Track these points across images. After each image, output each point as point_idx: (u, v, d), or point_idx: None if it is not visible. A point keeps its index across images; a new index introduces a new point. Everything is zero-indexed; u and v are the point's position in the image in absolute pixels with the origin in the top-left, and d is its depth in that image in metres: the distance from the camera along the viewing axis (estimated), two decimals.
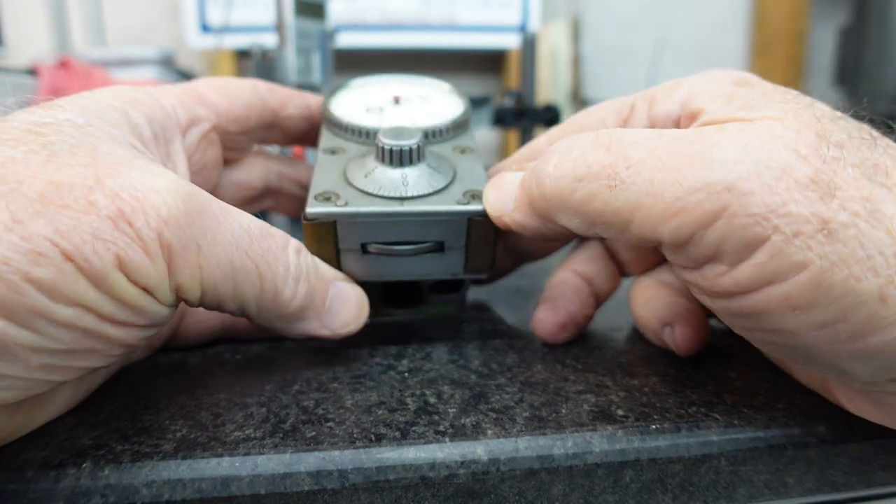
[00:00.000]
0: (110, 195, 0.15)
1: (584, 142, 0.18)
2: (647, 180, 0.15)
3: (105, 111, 0.19)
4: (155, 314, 0.16)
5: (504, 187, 0.21)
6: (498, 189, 0.21)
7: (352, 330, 0.21)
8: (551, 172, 0.18)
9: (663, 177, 0.15)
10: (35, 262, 0.14)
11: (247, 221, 0.18)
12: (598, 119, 0.22)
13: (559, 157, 0.18)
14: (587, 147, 0.17)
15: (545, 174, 0.18)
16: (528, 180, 0.19)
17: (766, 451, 0.18)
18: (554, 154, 0.18)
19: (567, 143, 0.18)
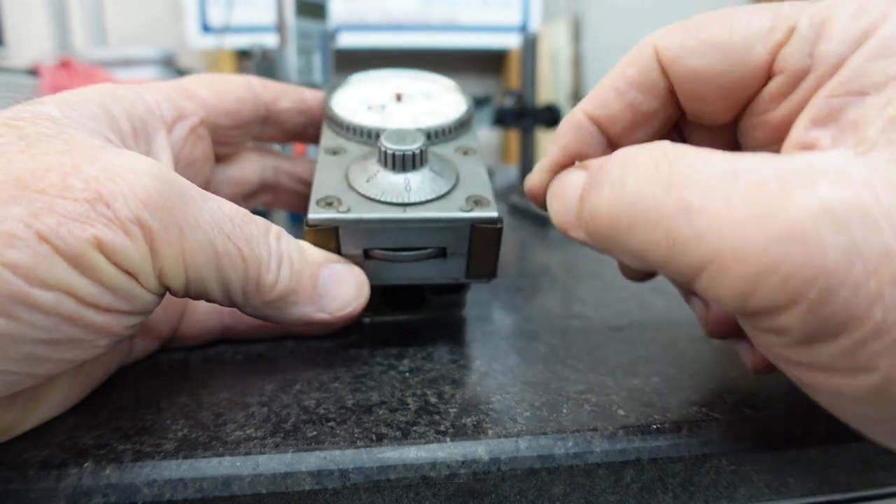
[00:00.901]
0: (87, 178, 0.15)
1: (641, 169, 0.14)
2: (712, 249, 0.13)
3: (83, 105, 0.19)
4: (139, 300, 0.16)
5: (566, 197, 0.18)
6: (561, 198, 0.19)
7: (352, 311, 0.21)
8: (603, 208, 0.15)
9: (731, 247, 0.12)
10: (8, 244, 0.13)
11: (227, 207, 0.18)
12: (743, 37, 0.16)
13: (610, 190, 0.15)
14: (642, 179, 0.14)
15: (596, 209, 0.16)
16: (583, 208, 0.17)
17: (767, 451, 0.18)
18: (606, 182, 0.15)
19: (622, 167, 0.15)
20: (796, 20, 0.16)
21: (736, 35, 0.16)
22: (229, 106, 0.25)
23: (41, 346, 0.15)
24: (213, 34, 1.27)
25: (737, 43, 0.16)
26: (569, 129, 0.20)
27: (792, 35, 0.16)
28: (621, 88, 0.19)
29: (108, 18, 1.27)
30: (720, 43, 0.17)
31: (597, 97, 0.19)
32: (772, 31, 0.16)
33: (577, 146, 0.20)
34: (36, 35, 1.30)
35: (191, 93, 0.24)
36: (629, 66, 0.19)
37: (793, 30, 0.16)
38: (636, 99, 0.19)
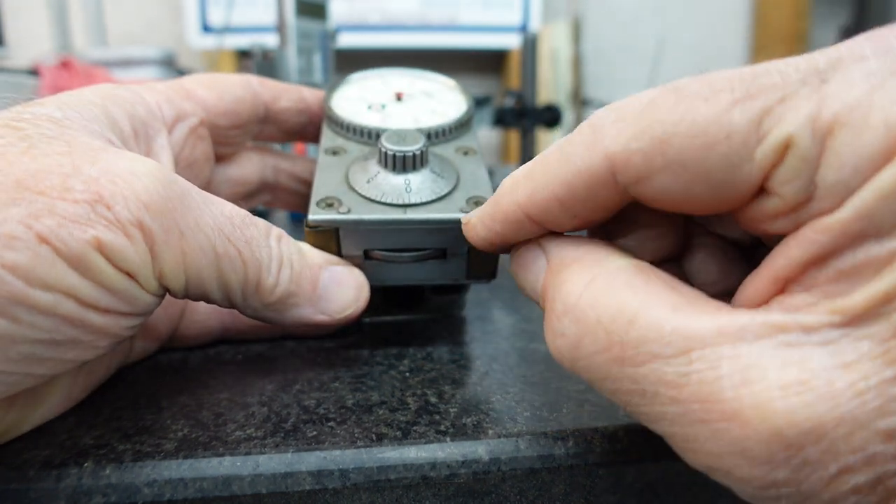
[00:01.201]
0: (87, 180, 0.15)
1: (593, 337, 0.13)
2: (665, 433, 0.13)
3: (83, 107, 0.19)
4: (139, 301, 0.16)
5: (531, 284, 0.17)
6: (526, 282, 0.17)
7: (352, 314, 0.21)
8: (562, 354, 0.14)
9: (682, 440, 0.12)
10: (8, 245, 0.13)
11: (228, 209, 0.18)
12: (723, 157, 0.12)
13: (565, 344, 0.14)
14: (595, 349, 0.13)
15: (557, 350, 0.15)
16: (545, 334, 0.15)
17: None
18: (559, 332, 0.14)
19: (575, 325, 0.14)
20: (793, 129, 0.12)
21: (714, 154, 0.12)
22: (229, 106, 0.25)
23: (41, 347, 0.15)
24: (214, 34, 1.27)
25: (716, 163, 0.12)
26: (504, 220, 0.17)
27: (788, 153, 0.12)
28: (564, 201, 0.15)
29: (108, 18, 1.28)
30: (694, 163, 0.13)
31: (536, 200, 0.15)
32: (761, 148, 0.12)
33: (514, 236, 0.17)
34: (36, 35, 1.30)
35: (191, 93, 0.24)
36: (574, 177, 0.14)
37: (788, 145, 0.12)
38: (582, 213, 0.15)
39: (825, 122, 0.11)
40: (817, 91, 0.11)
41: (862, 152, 0.11)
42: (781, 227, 0.13)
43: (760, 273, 0.13)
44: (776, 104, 0.12)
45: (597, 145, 0.14)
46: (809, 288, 0.12)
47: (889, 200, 0.11)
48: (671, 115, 0.13)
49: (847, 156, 0.11)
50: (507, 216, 0.16)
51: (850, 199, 0.11)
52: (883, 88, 0.11)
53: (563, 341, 0.14)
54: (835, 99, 0.11)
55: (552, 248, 0.16)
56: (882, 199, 0.11)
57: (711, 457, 0.12)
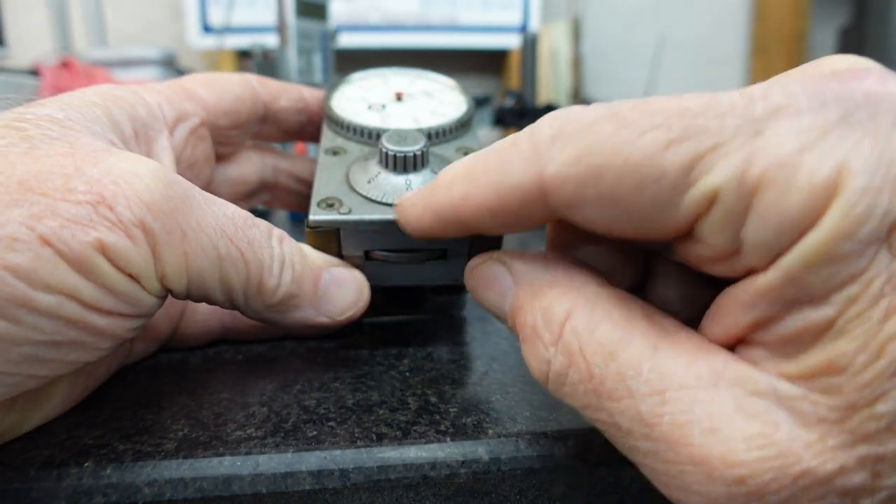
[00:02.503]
0: (89, 181, 0.15)
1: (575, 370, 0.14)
2: (639, 464, 0.13)
3: (85, 107, 0.18)
4: (142, 303, 0.16)
5: (498, 306, 0.17)
6: (490, 303, 0.17)
7: (352, 316, 0.21)
8: (544, 383, 0.15)
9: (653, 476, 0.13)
10: (10, 247, 0.13)
11: (230, 210, 0.18)
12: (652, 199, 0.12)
13: (536, 360, 0.15)
14: (576, 381, 0.14)
15: (538, 378, 0.15)
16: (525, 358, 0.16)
17: None
18: (541, 364, 0.15)
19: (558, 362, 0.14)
20: (721, 181, 0.11)
21: (644, 195, 0.12)
22: (229, 106, 0.25)
23: (43, 349, 0.15)
24: (214, 34, 1.27)
25: (645, 204, 0.12)
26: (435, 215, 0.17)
27: (714, 206, 0.12)
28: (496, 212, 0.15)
29: (108, 19, 1.28)
30: (624, 200, 0.12)
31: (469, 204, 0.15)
32: (688, 196, 0.12)
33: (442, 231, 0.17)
34: (36, 35, 1.30)
35: (191, 93, 0.24)
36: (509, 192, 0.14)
37: (715, 198, 0.12)
38: (511, 225, 0.15)
39: (752, 178, 0.11)
40: (749, 143, 0.11)
41: (786, 214, 0.11)
42: (718, 271, 0.13)
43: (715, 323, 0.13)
44: (708, 151, 0.11)
45: (534, 164, 0.14)
46: (762, 346, 0.12)
47: (816, 267, 0.11)
48: (607, 145, 0.12)
49: (771, 217, 0.11)
50: (440, 212, 0.16)
51: (778, 262, 0.11)
52: (812, 149, 0.11)
53: (550, 369, 0.14)
54: (764, 155, 0.11)
55: (519, 267, 0.16)
56: (808, 265, 0.11)
57: (680, 493, 0.12)
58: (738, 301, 0.12)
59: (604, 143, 0.12)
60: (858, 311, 0.11)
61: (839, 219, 0.10)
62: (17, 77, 0.81)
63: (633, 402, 0.13)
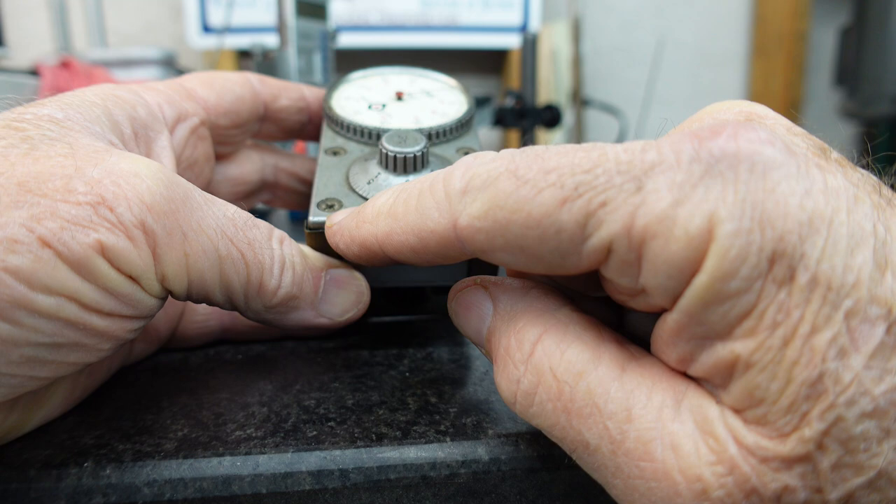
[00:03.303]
0: (90, 182, 0.15)
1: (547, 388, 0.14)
2: (605, 483, 0.14)
3: (85, 108, 0.18)
4: (142, 304, 0.16)
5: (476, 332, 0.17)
6: (469, 329, 0.17)
7: (352, 317, 0.21)
8: (514, 403, 0.15)
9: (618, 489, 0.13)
10: (10, 249, 0.13)
11: (231, 211, 0.18)
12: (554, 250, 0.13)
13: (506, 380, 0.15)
14: (547, 398, 0.14)
15: (508, 398, 0.15)
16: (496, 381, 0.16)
17: None
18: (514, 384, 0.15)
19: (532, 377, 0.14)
20: (611, 235, 0.12)
21: (547, 245, 0.13)
22: (229, 105, 0.25)
23: (43, 350, 0.15)
24: (214, 34, 1.27)
25: (549, 252, 0.13)
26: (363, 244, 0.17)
27: (610, 256, 0.13)
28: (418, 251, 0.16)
29: (108, 19, 1.28)
30: (530, 249, 0.13)
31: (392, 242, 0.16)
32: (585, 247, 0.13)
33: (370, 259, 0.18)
34: (36, 35, 1.30)
35: (191, 93, 0.24)
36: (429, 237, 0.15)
37: (609, 249, 0.13)
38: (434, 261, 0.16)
39: (638, 231, 0.12)
40: (632, 199, 0.12)
41: (671, 262, 0.12)
42: (635, 305, 0.14)
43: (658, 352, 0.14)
44: (598, 208, 0.12)
45: (447, 213, 0.15)
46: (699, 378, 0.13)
47: (709, 306, 0.12)
48: (510, 201, 0.13)
49: (659, 264, 0.12)
50: (365, 244, 0.17)
51: (678, 303, 0.12)
52: (683, 202, 0.12)
53: (519, 388, 0.15)
54: (645, 210, 0.12)
55: (499, 294, 0.17)
56: (702, 305, 0.12)
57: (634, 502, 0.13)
58: (661, 339, 0.13)
59: (506, 199, 0.13)
60: (759, 342, 0.11)
61: (717, 262, 0.11)
62: (17, 77, 0.81)
63: (601, 419, 0.13)
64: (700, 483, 0.12)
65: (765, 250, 0.11)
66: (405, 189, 0.16)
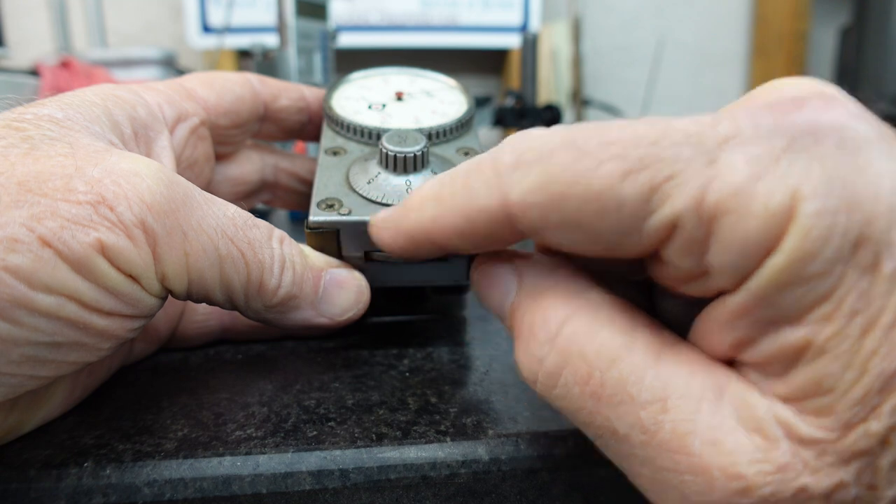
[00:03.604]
0: (90, 181, 0.15)
1: (575, 370, 0.13)
2: (632, 473, 0.13)
3: (85, 108, 0.18)
4: (142, 304, 0.16)
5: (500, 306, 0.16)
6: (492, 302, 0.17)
7: (352, 317, 0.21)
8: (538, 383, 0.14)
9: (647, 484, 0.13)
10: (10, 248, 0.13)
11: (231, 211, 0.18)
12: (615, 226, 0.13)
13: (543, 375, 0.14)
14: (575, 382, 0.13)
15: (531, 377, 0.15)
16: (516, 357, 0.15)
17: None
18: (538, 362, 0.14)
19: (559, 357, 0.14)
20: (679, 210, 0.12)
21: (606, 222, 0.12)
22: (229, 105, 0.25)
23: (43, 350, 0.15)
24: (214, 34, 1.27)
25: (608, 229, 0.12)
26: (409, 235, 0.16)
27: (675, 233, 0.12)
28: (466, 234, 0.15)
29: (108, 19, 1.28)
30: (588, 226, 0.13)
31: (439, 226, 0.15)
32: (649, 224, 0.12)
33: (416, 251, 0.17)
34: (37, 35, 1.30)
35: (191, 93, 0.24)
36: (476, 215, 0.14)
37: (675, 225, 0.12)
38: (483, 245, 0.16)
39: (710, 206, 0.11)
40: (703, 172, 0.11)
41: (746, 239, 0.11)
42: (691, 291, 0.13)
43: (704, 341, 0.13)
44: (664, 181, 0.12)
45: (498, 190, 0.14)
46: (752, 365, 0.12)
47: (783, 289, 0.11)
48: (567, 174, 0.12)
49: (732, 242, 0.11)
50: (411, 234, 0.16)
51: (746, 284, 0.11)
52: (764, 176, 0.11)
53: (542, 367, 0.14)
54: (719, 183, 0.11)
55: (526, 269, 0.16)
56: (775, 287, 0.11)
57: (666, 498, 0.12)
58: (717, 321, 0.12)
59: (563, 172, 0.12)
60: (835, 329, 0.11)
61: (798, 242, 0.11)
62: (17, 77, 0.81)
63: (634, 408, 0.12)
64: (742, 481, 0.11)
65: (850, 233, 0.11)
66: (451, 173, 0.15)
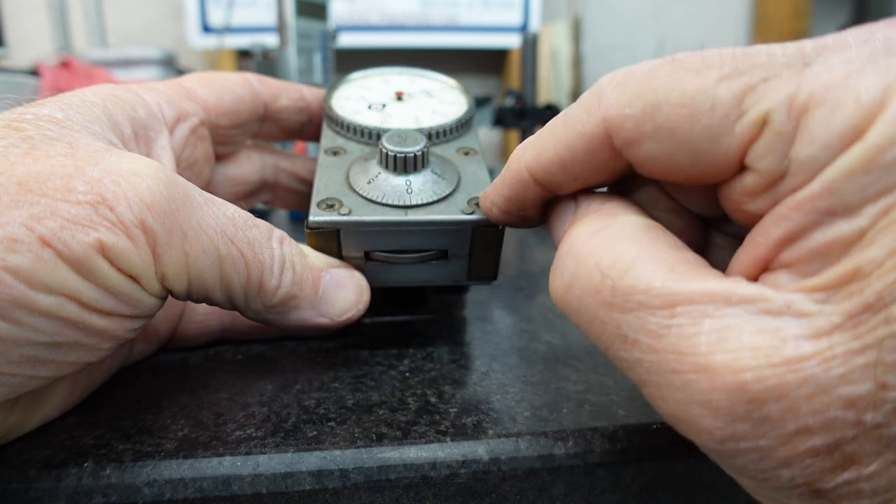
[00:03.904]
0: (90, 181, 0.15)
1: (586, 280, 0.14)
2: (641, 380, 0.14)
3: (85, 108, 0.18)
4: (142, 304, 0.16)
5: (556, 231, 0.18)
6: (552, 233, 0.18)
7: (352, 317, 0.21)
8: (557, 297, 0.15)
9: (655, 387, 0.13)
10: (10, 248, 0.13)
11: (231, 211, 0.18)
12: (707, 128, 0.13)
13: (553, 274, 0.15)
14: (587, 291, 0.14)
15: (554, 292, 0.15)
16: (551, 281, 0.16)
17: None
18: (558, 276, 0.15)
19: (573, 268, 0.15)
20: (771, 106, 0.12)
21: (699, 124, 0.13)
22: (229, 105, 0.25)
23: (43, 350, 0.15)
24: (214, 34, 1.27)
25: (699, 133, 0.13)
26: (512, 182, 0.18)
27: (765, 129, 0.12)
28: (565, 162, 0.16)
29: (108, 19, 1.28)
30: (680, 131, 0.13)
31: (541, 163, 0.17)
32: (742, 123, 0.13)
33: (520, 199, 0.18)
34: (36, 36, 1.30)
35: (191, 93, 0.24)
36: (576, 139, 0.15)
37: (766, 121, 0.12)
38: (581, 175, 0.16)
39: (801, 100, 0.12)
40: (799, 73, 0.12)
41: (833, 129, 0.11)
42: (760, 205, 0.13)
43: (745, 251, 0.14)
44: (760, 83, 0.12)
45: (597, 109, 0.15)
46: (788, 266, 0.12)
47: (855, 177, 0.11)
48: (664, 84, 0.13)
49: (819, 132, 0.12)
50: (514, 178, 0.17)
51: (820, 174, 0.12)
52: (858, 74, 0.11)
53: (560, 281, 0.15)
54: (813, 80, 0.12)
55: (583, 199, 0.17)
56: (848, 175, 0.11)
57: (679, 405, 0.12)
58: (774, 216, 0.13)
59: (661, 82, 0.14)
60: (890, 220, 0.11)
61: (883, 129, 0.11)
62: (17, 77, 0.81)
63: (643, 314, 0.13)
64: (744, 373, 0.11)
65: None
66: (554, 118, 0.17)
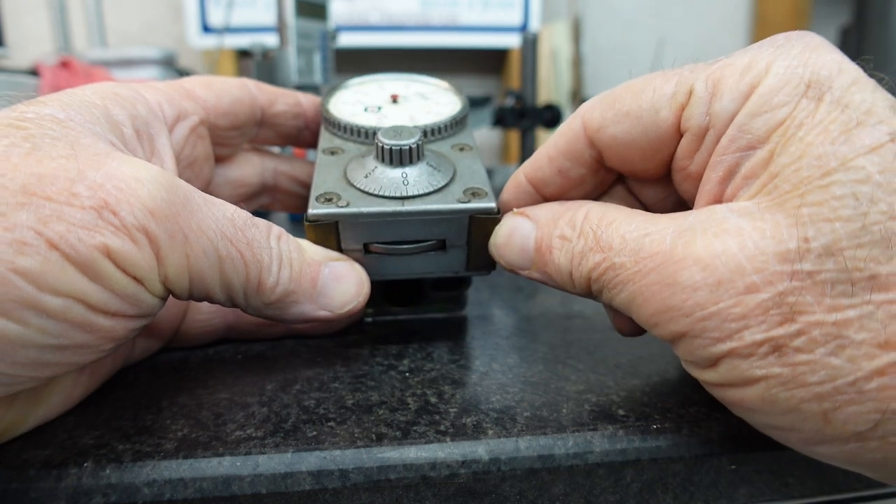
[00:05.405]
0: (93, 186, 0.15)
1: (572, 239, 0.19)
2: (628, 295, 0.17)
3: (86, 107, 0.19)
4: (145, 304, 0.16)
5: (519, 248, 0.21)
6: (512, 248, 0.21)
7: (353, 309, 0.21)
8: (551, 263, 0.19)
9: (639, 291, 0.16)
10: (19, 251, 0.13)
11: (230, 211, 0.18)
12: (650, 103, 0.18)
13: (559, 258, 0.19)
14: (576, 245, 0.19)
15: (561, 267, 0.19)
16: (546, 262, 0.20)
17: (767, 451, 0.18)
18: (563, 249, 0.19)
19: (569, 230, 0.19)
20: (693, 81, 0.17)
21: (644, 102, 0.18)
22: (227, 106, 0.25)
23: (48, 351, 0.15)
24: (214, 34, 1.27)
25: (646, 109, 0.18)
26: (512, 187, 0.23)
27: (691, 97, 0.17)
28: (552, 156, 0.21)
29: (108, 19, 1.27)
30: (632, 111, 0.19)
31: (534, 162, 0.22)
32: (674, 95, 0.18)
33: (517, 203, 0.22)
34: (36, 35, 1.30)
35: (190, 93, 0.24)
36: (560, 136, 0.21)
37: (691, 92, 0.17)
38: (564, 165, 0.21)
39: (715, 75, 0.17)
40: (714, 64, 0.17)
41: (736, 88, 0.16)
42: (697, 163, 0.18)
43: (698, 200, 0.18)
44: (688, 73, 0.18)
45: (576, 114, 0.20)
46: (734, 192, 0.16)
47: (755, 116, 0.16)
48: (621, 88, 0.19)
49: (727, 92, 0.17)
50: (515, 182, 0.22)
51: (734, 121, 0.16)
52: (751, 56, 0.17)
53: (574, 252, 0.19)
54: (721, 64, 0.17)
55: (538, 211, 0.21)
56: (751, 115, 0.16)
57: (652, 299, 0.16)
58: (711, 164, 0.17)
59: (619, 89, 0.19)
60: (789, 138, 0.15)
61: (769, 82, 0.16)
62: (16, 77, 0.81)
63: (625, 244, 0.17)
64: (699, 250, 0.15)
65: (804, 79, 0.15)
66: None
